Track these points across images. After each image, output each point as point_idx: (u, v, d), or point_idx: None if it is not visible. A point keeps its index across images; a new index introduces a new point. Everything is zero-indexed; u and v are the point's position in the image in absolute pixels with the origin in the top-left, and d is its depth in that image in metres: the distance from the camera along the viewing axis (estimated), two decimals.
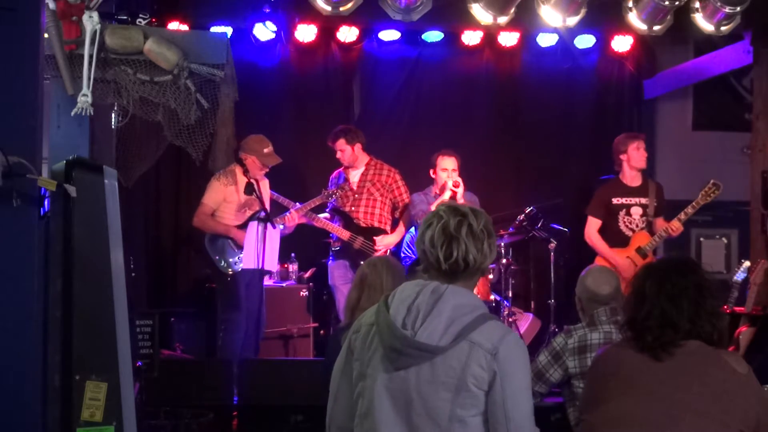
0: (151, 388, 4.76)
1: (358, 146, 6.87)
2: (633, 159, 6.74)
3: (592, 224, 6.80)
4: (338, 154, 6.90)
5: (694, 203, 6.50)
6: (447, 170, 6.70)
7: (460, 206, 2.70)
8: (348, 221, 6.85)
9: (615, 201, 6.74)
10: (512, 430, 2.54)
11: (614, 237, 6.70)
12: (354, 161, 6.90)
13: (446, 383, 2.55)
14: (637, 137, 6.85)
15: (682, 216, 6.52)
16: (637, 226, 6.70)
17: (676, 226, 6.53)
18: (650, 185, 6.82)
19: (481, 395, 2.54)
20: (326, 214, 6.92)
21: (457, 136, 7.89)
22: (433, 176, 6.82)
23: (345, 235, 6.78)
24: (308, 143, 7.69)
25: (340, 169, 7.03)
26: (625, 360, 2.89)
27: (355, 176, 6.93)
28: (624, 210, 6.72)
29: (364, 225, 6.85)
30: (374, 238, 6.78)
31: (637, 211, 6.73)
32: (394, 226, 7.02)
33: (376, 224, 6.89)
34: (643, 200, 6.74)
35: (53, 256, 3.49)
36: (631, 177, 6.78)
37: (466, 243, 2.62)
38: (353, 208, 6.88)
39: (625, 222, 6.72)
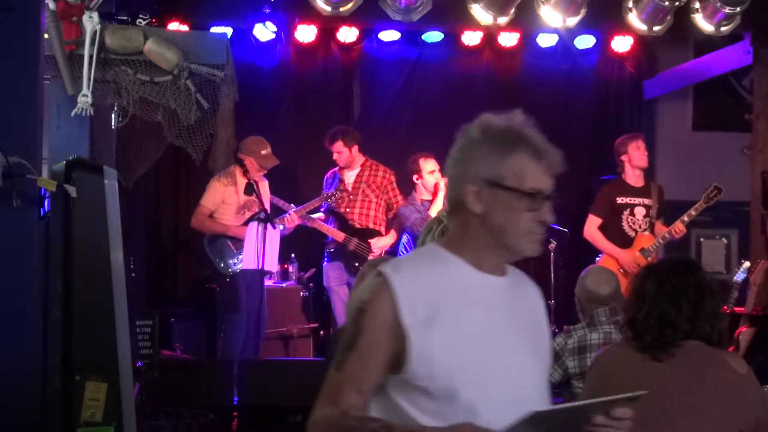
0: (151, 388, 4.76)
1: (355, 148, 6.86)
2: (634, 158, 6.74)
3: (593, 222, 6.78)
4: (335, 156, 6.89)
5: (696, 206, 6.51)
6: (434, 171, 6.68)
7: None
8: (343, 222, 6.85)
9: (619, 200, 6.73)
10: None
11: (618, 237, 6.68)
12: (350, 162, 6.89)
13: None
14: (636, 137, 6.85)
15: (686, 218, 6.51)
16: (640, 227, 6.69)
17: (679, 228, 6.52)
18: (653, 187, 6.83)
19: None
20: (320, 215, 6.91)
21: (457, 136, 7.87)
22: (417, 181, 6.77)
23: (340, 236, 6.77)
24: (308, 143, 7.68)
25: (335, 169, 7.02)
26: (624, 360, 2.89)
27: (350, 177, 6.92)
28: (628, 210, 6.71)
29: (359, 226, 6.85)
30: (369, 241, 6.77)
31: (640, 212, 6.71)
32: (389, 227, 7.02)
33: (371, 225, 6.88)
34: (647, 201, 6.73)
35: (53, 256, 3.49)
36: (634, 177, 6.78)
37: None
38: (348, 210, 6.87)
39: (628, 222, 6.71)
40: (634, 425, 2.79)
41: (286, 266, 7.14)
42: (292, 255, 7.20)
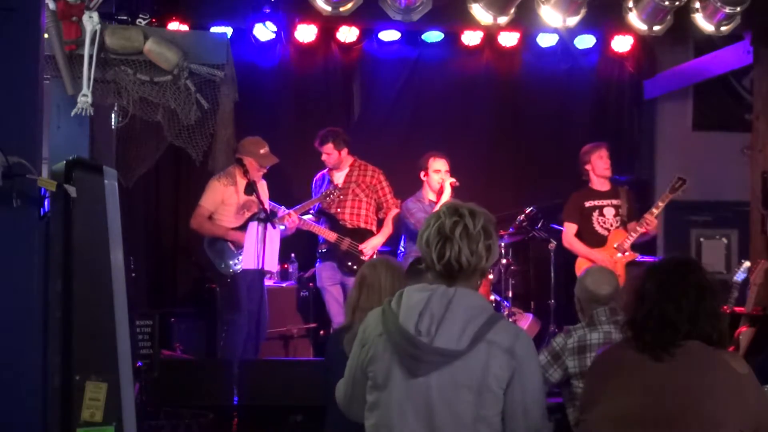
0: (151, 388, 4.76)
1: (345, 151, 6.89)
2: (597, 168, 6.89)
3: (569, 229, 6.91)
4: (323, 157, 6.91)
5: (662, 197, 6.66)
6: (440, 171, 6.71)
7: (461, 206, 2.68)
8: (334, 223, 6.86)
9: (588, 204, 6.88)
10: (530, 423, 2.60)
11: (591, 238, 6.81)
12: (339, 164, 6.92)
13: (469, 386, 2.57)
14: (600, 146, 6.96)
15: (654, 210, 6.66)
16: (611, 225, 6.82)
17: (649, 219, 6.63)
18: (620, 190, 6.97)
19: (500, 394, 2.58)
20: (311, 216, 6.91)
21: (457, 136, 7.89)
22: (424, 178, 6.81)
23: (332, 236, 6.78)
24: (308, 143, 7.66)
25: (324, 171, 7.04)
26: (625, 360, 2.89)
27: (339, 178, 6.94)
28: (597, 211, 6.85)
29: (350, 226, 6.86)
30: (360, 247, 6.76)
31: (610, 212, 6.85)
32: (379, 226, 7.02)
33: (362, 225, 6.89)
34: (615, 201, 6.89)
35: (53, 256, 3.49)
36: (599, 184, 6.95)
37: (459, 244, 2.60)
38: (339, 210, 6.88)
39: (599, 222, 6.83)
40: (634, 425, 2.80)
41: (286, 266, 7.15)
42: (292, 255, 7.21)
